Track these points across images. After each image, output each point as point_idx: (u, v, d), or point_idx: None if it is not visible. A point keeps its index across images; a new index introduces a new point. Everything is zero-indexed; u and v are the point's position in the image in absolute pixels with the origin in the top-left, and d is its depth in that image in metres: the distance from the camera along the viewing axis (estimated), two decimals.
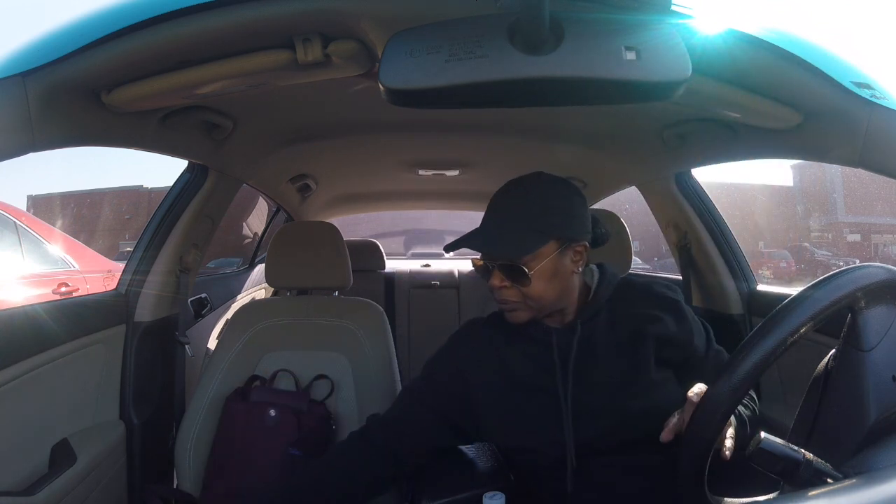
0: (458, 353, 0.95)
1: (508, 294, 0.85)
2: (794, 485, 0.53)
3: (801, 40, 0.73)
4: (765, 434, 0.55)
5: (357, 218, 3.28)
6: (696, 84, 0.73)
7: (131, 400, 1.24)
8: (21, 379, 0.95)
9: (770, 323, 0.56)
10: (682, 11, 0.64)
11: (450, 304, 2.53)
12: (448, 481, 0.99)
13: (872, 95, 0.73)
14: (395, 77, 0.59)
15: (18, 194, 11.41)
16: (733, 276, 1.44)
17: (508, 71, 0.58)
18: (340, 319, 1.33)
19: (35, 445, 1.01)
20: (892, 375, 0.55)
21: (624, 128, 1.34)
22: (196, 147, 1.17)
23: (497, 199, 0.88)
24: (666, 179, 1.47)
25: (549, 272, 0.83)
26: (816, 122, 0.83)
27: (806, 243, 10.23)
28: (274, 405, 1.17)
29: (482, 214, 0.89)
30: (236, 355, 1.29)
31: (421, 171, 1.91)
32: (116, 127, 0.87)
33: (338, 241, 1.39)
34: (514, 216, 0.84)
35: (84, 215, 9.41)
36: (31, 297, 2.72)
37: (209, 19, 0.66)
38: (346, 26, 0.71)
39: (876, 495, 0.44)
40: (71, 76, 0.68)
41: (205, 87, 0.80)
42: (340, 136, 1.47)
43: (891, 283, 0.57)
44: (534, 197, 0.85)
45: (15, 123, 0.65)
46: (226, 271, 2.51)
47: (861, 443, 0.54)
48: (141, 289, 1.28)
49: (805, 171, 10.01)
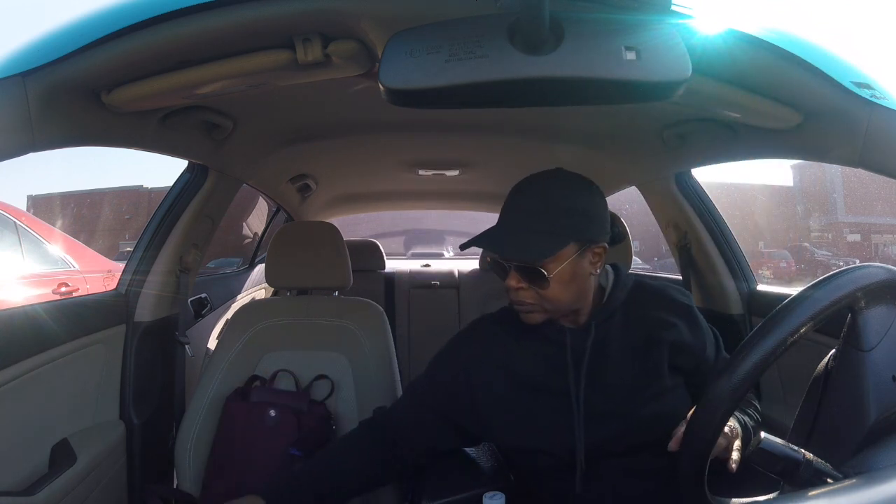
0: (461, 352, 0.94)
1: (525, 295, 0.83)
2: (794, 485, 0.53)
3: (801, 40, 0.73)
4: (765, 434, 0.55)
5: (357, 218, 3.29)
6: (696, 84, 0.73)
7: (131, 400, 1.23)
8: (21, 379, 0.95)
9: (770, 323, 0.56)
10: (682, 11, 0.64)
11: (450, 304, 2.53)
12: (448, 481, 0.99)
13: (872, 95, 0.73)
14: (395, 77, 0.59)
15: (18, 194, 11.40)
16: (733, 276, 1.44)
17: (508, 71, 0.58)
18: (340, 319, 1.33)
19: (35, 445, 1.01)
20: (892, 375, 0.55)
21: (624, 128, 1.34)
22: (196, 147, 1.17)
23: (516, 197, 0.84)
24: (666, 179, 1.47)
25: (568, 275, 0.81)
26: (816, 122, 0.83)
27: (806, 243, 10.23)
28: (274, 405, 1.17)
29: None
30: (236, 355, 1.29)
31: (421, 171, 1.91)
32: (116, 127, 0.87)
33: (338, 241, 1.39)
34: (535, 216, 0.81)
35: (84, 215, 9.41)
36: (31, 297, 2.72)
37: (209, 19, 0.66)
38: (346, 26, 0.71)
39: (876, 495, 0.44)
40: (71, 76, 0.68)
41: (205, 87, 0.80)
42: (340, 136, 1.47)
43: (891, 283, 0.57)
44: (555, 196, 0.82)
45: (15, 123, 0.65)
46: (226, 271, 2.51)
47: (861, 443, 0.54)
48: (141, 289, 1.28)
49: (805, 171, 10.01)
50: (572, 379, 0.84)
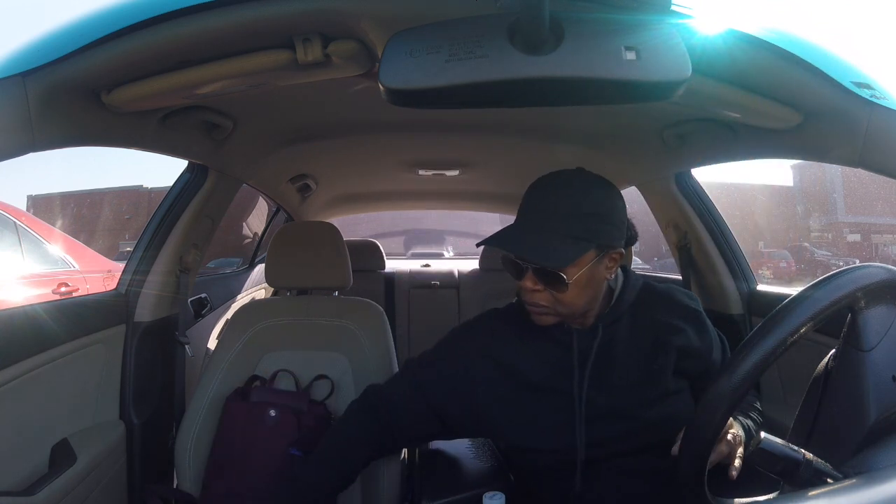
0: (466, 344, 0.94)
1: (540, 297, 0.82)
2: (794, 485, 0.53)
3: (801, 40, 0.73)
4: (765, 434, 0.55)
5: (357, 218, 3.28)
6: (696, 84, 0.73)
7: (131, 400, 1.23)
8: (21, 379, 0.95)
9: (770, 323, 0.56)
10: (682, 11, 0.64)
11: (450, 304, 2.53)
12: (448, 481, 0.99)
13: (872, 95, 0.73)
14: (395, 77, 0.59)
15: (18, 194, 11.40)
16: (733, 276, 1.44)
17: (508, 71, 0.58)
18: (340, 319, 1.33)
19: (35, 445, 1.01)
20: (892, 375, 0.55)
21: (624, 128, 1.34)
22: (196, 147, 1.17)
23: (537, 197, 0.83)
24: (666, 179, 1.47)
25: (585, 280, 0.80)
26: (816, 122, 0.83)
27: (806, 243, 10.23)
28: (274, 405, 1.17)
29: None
30: (236, 355, 1.29)
31: (421, 171, 1.91)
32: (116, 127, 0.87)
33: (338, 241, 1.39)
34: (557, 218, 0.79)
35: (84, 215, 9.41)
36: (31, 297, 2.72)
37: (209, 19, 0.66)
38: (346, 26, 0.71)
39: (876, 495, 0.44)
40: (71, 76, 0.68)
41: (205, 87, 0.80)
42: (340, 136, 1.47)
43: (891, 283, 0.57)
44: (577, 199, 0.80)
45: (15, 123, 0.65)
46: (226, 271, 2.50)
47: (861, 443, 0.54)
48: (141, 289, 1.28)
49: (805, 171, 10.01)
50: (576, 379, 0.84)
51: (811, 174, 10.05)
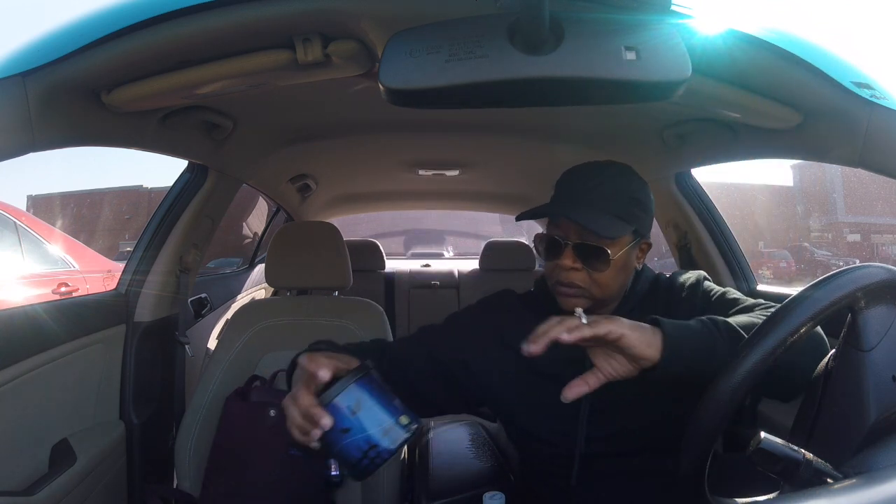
0: (482, 318, 0.93)
1: (577, 277, 0.80)
2: (794, 485, 0.53)
3: (801, 40, 0.73)
4: (765, 434, 0.55)
5: (357, 218, 3.29)
6: (696, 84, 0.73)
7: (131, 400, 1.23)
8: (21, 379, 0.95)
9: (770, 323, 0.56)
10: (682, 11, 0.64)
11: (450, 304, 2.53)
12: (448, 481, 0.99)
13: (872, 95, 0.73)
14: (395, 77, 0.59)
15: (18, 194, 11.40)
16: (733, 276, 1.44)
17: (508, 71, 0.58)
18: (340, 319, 1.33)
19: (35, 445, 1.01)
20: (892, 375, 0.55)
21: (624, 128, 1.34)
22: (196, 147, 1.17)
23: (579, 178, 0.83)
24: (666, 179, 1.47)
25: (622, 263, 0.80)
26: (816, 122, 0.83)
27: (806, 243, 10.22)
28: (274, 405, 1.17)
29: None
30: (236, 355, 1.29)
31: (421, 171, 1.91)
32: (116, 127, 0.87)
33: (338, 241, 1.39)
34: (603, 197, 0.79)
35: (84, 215, 9.40)
36: (31, 297, 2.72)
37: (209, 19, 0.66)
38: (346, 26, 0.71)
39: (876, 495, 0.44)
40: (71, 76, 0.68)
41: (205, 87, 0.80)
42: (340, 136, 1.47)
43: (891, 283, 0.56)
44: (621, 182, 0.81)
45: (15, 123, 0.65)
46: (226, 271, 2.51)
47: (861, 443, 0.54)
48: (141, 289, 1.28)
49: (805, 171, 10.00)
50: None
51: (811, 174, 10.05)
